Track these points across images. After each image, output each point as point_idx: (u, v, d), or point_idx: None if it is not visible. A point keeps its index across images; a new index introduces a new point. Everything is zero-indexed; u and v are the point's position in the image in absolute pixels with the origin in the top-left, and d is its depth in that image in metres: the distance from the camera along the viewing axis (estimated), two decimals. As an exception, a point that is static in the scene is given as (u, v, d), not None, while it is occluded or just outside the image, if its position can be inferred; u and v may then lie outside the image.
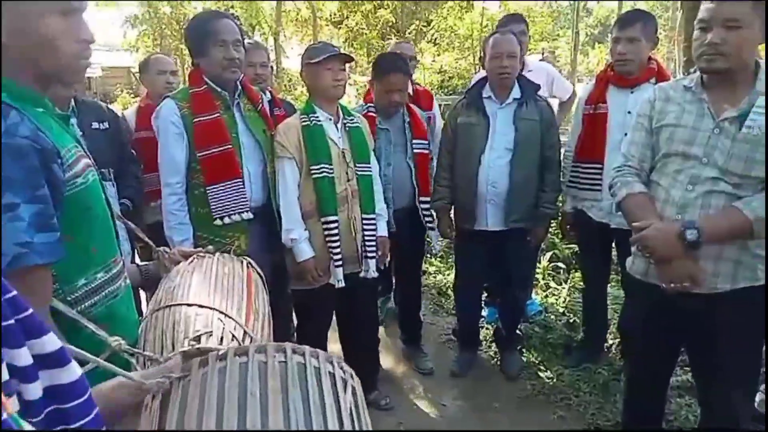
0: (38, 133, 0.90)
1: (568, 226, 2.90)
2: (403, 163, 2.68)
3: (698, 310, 1.64)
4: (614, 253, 2.87)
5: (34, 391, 0.48)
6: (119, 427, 0.73)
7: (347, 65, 2.31)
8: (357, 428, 0.63)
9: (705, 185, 1.61)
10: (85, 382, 0.54)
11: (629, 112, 2.41)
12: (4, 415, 0.42)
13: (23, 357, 0.47)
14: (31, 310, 0.49)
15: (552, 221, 2.85)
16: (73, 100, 2.50)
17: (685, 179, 1.65)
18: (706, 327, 1.68)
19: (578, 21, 16.36)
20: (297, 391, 0.61)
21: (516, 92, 2.61)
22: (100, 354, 0.88)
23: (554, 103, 3.15)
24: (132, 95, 15.21)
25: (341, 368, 0.69)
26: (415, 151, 2.68)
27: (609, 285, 3.01)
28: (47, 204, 0.89)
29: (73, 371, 0.53)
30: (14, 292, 0.48)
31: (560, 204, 2.88)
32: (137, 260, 2.57)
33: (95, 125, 2.55)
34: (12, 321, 0.46)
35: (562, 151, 2.78)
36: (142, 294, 2.35)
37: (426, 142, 2.75)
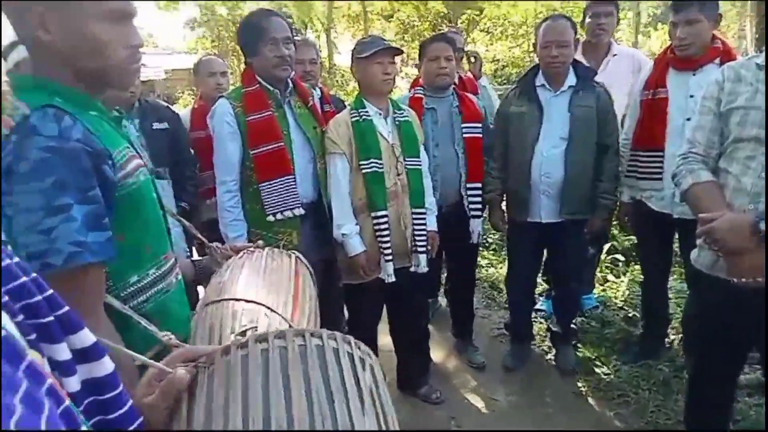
0: (90, 136, 0.94)
1: (626, 217, 2.78)
2: (451, 149, 2.61)
3: (770, 306, 1.53)
4: (676, 244, 2.73)
5: (74, 384, 0.50)
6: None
7: (397, 58, 2.30)
8: (378, 405, 0.64)
9: (780, 172, 1.49)
10: (117, 375, 0.56)
11: (691, 96, 2.27)
12: (67, 401, 0.44)
13: (63, 351, 0.49)
14: (67, 308, 0.51)
15: (610, 212, 2.72)
16: (137, 101, 2.63)
17: (759, 166, 1.53)
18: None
19: (639, 1, 15.58)
20: (318, 373, 0.62)
21: (571, 79, 2.52)
22: (152, 348, 0.92)
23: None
24: (193, 96, 15.81)
25: (359, 348, 0.70)
26: (465, 135, 2.61)
27: (670, 278, 2.87)
28: (99, 204, 0.93)
29: (108, 364, 0.55)
30: (51, 291, 0.50)
31: (618, 194, 2.76)
32: (195, 256, 2.67)
33: (156, 125, 2.67)
34: (51, 318, 0.48)
35: (620, 138, 2.66)
36: (201, 289, 2.44)
37: (479, 125, 2.65)
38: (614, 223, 3.68)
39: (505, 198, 2.79)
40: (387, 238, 2.27)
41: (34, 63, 1.00)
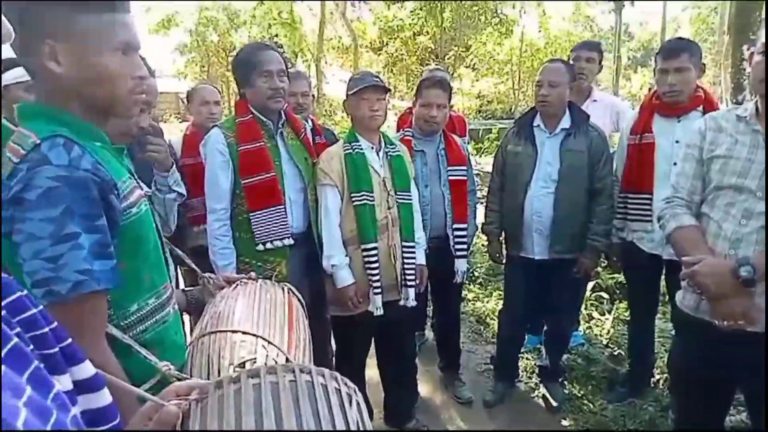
0: (98, 166, 0.95)
1: (614, 258, 2.83)
2: (438, 190, 2.66)
3: (754, 348, 1.56)
4: (662, 284, 2.78)
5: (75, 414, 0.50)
6: None
7: (387, 93, 2.35)
8: None
9: (759, 220, 1.54)
10: (115, 407, 0.56)
11: (677, 142, 2.35)
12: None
13: (66, 382, 0.49)
14: (70, 339, 0.52)
15: (600, 253, 2.77)
16: None
17: (738, 213, 1.59)
18: (762, 366, 1.59)
19: (620, 45, 16.16)
20: (308, 408, 0.64)
21: (566, 122, 2.58)
22: (151, 378, 0.91)
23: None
24: (180, 120, 15.83)
25: (345, 384, 0.72)
26: (450, 177, 2.67)
27: (657, 317, 2.91)
28: (105, 234, 0.93)
29: (106, 396, 0.55)
30: (55, 323, 0.51)
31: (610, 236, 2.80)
32: (181, 285, 2.63)
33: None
34: (56, 349, 0.49)
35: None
36: (186, 317, 2.41)
37: (464, 168, 2.72)
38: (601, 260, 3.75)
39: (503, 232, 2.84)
40: (376, 271, 2.28)
41: (40, 92, 1.01)
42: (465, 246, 2.73)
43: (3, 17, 0.44)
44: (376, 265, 2.27)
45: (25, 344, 0.44)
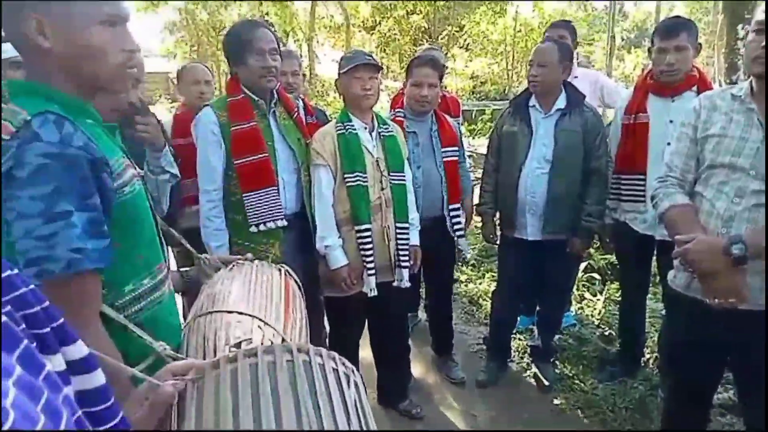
0: (90, 144, 0.93)
1: (607, 239, 2.85)
2: (433, 169, 2.65)
3: (743, 326, 1.58)
4: (653, 265, 2.80)
5: (69, 395, 0.50)
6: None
7: (379, 72, 2.32)
8: (362, 420, 0.66)
9: (752, 198, 1.55)
10: (109, 388, 0.56)
11: (671, 121, 2.35)
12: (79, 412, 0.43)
13: (58, 363, 0.49)
14: (62, 319, 0.51)
15: (593, 234, 2.78)
16: None
17: (731, 191, 1.60)
18: (751, 344, 1.62)
19: (614, 25, 16.05)
20: (305, 388, 0.64)
21: (561, 102, 2.57)
22: (147, 358, 0.91)
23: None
24: (170, 101, 15.61)
25: (343, 364, 0.72)
26: (444, 158, 2.66)
27: (647, 298, 2.94)
28: (98, 212, 0.92)
29: (100, 377, 0.55)
30: (47, 302, 0.50)
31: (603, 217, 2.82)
32: (173, 266, 2.63)
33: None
34: (48, 329, 0.48)
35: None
36: (178, 298, 2.40)
37: (456, 149, 2.72)
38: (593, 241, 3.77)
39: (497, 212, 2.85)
40: (370, 252, 2.27)
41: (29, 68, 0.99)
42: (461, 225, 2.74)
43: None
44: (369, 246, 2.26)
45: (16, 323, 0.44)
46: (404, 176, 2.39)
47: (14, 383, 0.34)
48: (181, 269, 1.42)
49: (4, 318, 0.40)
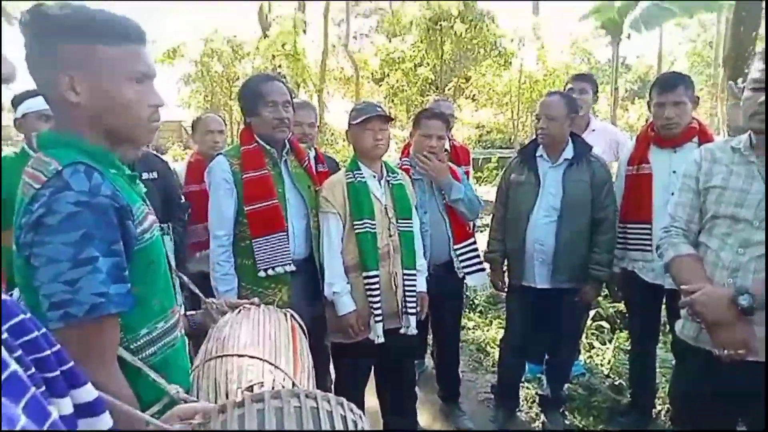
0: (116, 192, 0.98)
1: (615, 287, 2.85)
2: (437, 215, 2.69)
3: (754, 377, 1.56)
4: (664, 314, 2.78)
5: None
6: None
7: (390, 123, 2.39)
8: None
9: (757, 249, 1.57)
10: (116, 430, 0.56)
11: (674, 172, 2.39)
12: None
13: (66, 406, 0.50)
14: (72, 363, 0.53)
15: (602, 282, 2.78)
16: None
17: (736, 242, 1.61)
18: (763, 396, 1.59)
19: (617, 77, 16.43)
20: None
21: (568, 152, 2.63)
22: (159, 400, 0.92)
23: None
24: (182, 148, 15.96)
25: (351, 410, 0.72)
26: (446, 201, 2.68)
27: (657, 347, 2.90)
28: (122, 257, 0.96)
29: (107, 420, 0.56)
30: (58, 346, 0.52)
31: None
32: (182, 309, 2.64)
33: (146, 175, 2.71)
34: (58, 372, 0.50)
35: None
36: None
37: None
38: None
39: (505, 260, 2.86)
40: (378, 299, 2.28)
41: (59, 120, 1.05)
42: (471, 261, 2.71)
43: (4, 56, 0.46)
44: (377, 292, 2.28)
45: (26, 367, 0.45)
46: (412, 223, 2.42)
47: None
48: (188, 313, 1.44)
49: (14, 367, 0.41)
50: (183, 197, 2.95)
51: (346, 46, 16.35)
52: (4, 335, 0.45)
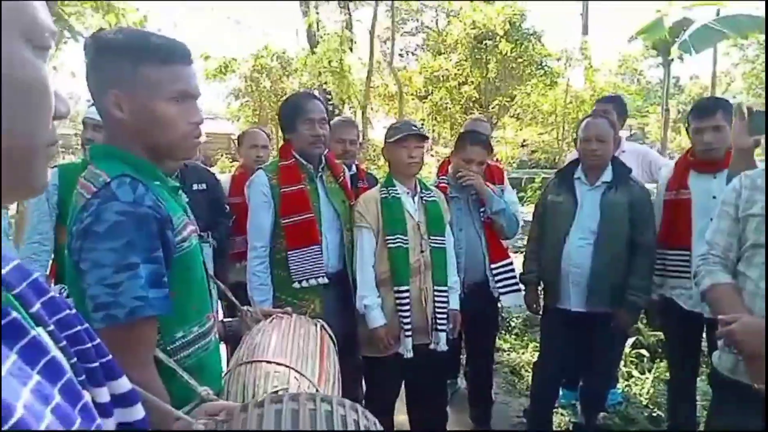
0: (158, 204, 1.06)
1: (653, 315, 2.77)
2: (473, 233, 2.70)
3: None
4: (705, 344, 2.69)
5: (111, 425, 0.56)
6: None
7: (426, 141, 2.44)
8: None
9: (798, 279, 1.52)
10: (147, 421, 0.61)
11: (714, 197, 2.32)
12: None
13: (104, 395, 0.55)
14: (110, 356, 0.58)
15: (639, 309, 2.71)
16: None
17: None
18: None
19: (668, 98, 15.97)
20: None
21: (607, 175, 2.61)
22: (190, 401, 0.98)
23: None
24: (230, 160, 16.45)
25: (365, 417, 0.75)
26: (484, 220, 2.71)
27: (698, 378, 2.79)
28: (161, 264, 1.03)
29: (140, 411, 0.60)
30: (98, 340, 0.57)
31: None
32: (220, 316, 2.74)
33: (196, 186, 2.85)
34: (97, 364, 0.55)
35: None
36: (222, 347, 2.49)
37: None
38: (641, 316, 3.64)
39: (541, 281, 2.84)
40: (407, 313, 2.31)
41: (107, 133, 1.15)
42: (507, 281, 2.71)
43: (62, 94, 0.52)
44: (407, 307, 2.30)
45: (70, 357, 0.50)
46: (444, 240, 2.44)
47: (52, 410, 0.41)
48: (225, 320, 1.51)
49: (54, 353, 0.46)
50: (227, 208, 3.07)
51: (390, 64, 16.56)
52: (51, 327, 0.50)
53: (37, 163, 0.47)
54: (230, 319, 1.54)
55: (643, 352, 3.71)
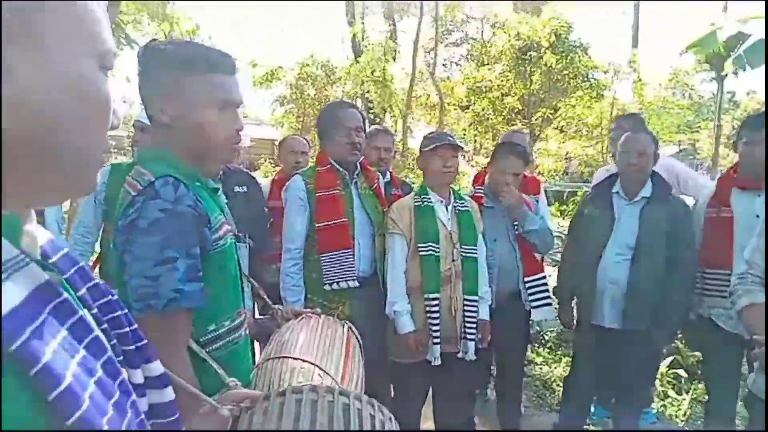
0: (197, 203, 1.13)
1: (690, 335, 2.69)
2: (507, 244, 2.69)
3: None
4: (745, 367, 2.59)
5: (144, 405, 0.61)
6: None
7: (460, 151, 2.46)
8: None
9: (839, 302, 1.47)
10: (176, 404, 0.66)
11: (757, 216, 2.25)
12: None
13: (138, 376, 0.60)
14: (145, 341, 0.63)
15: (676, 327, 2.64)
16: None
17: None
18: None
19: (721, 113, 15.39)
20: (341, 427, 0.72)
21: (647, 190, 2.57)
22: (218, 391, 1.05)
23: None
24: (273, 165, 16.83)
25: (381, 411, 0.78)
26: (518, 232, 2.69)
27: (738, 403, 2.69)
28: (197, 260, 1.10)
29: (170, 393, 0.66)
30: (135, 326, 0.63)
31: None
32: (256, 314, 2.83)
33: (237, 189, 2.96)
34: (133, 347, 0.60)
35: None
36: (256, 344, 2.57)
37: None
38: (679, 336, 3.54)
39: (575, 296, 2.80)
40: (437, 321, 2.33)
41: (155, 137, 1.23)
42: (540, 295, 2.68)
43: (117, 109, 0.58)
44: (437, 315, 2.32)
45: (110, 338, 0.56)
46: (476, 250, 2.45)
47: (95, 382, 0.46)
48: (257, 318, 1.58)
49: (97, 332, 0.52)
50: (266, 211, 3.17)
51: (432, 74, 16.62)
52: (95, 310, 0.56)
53: (89, 169, 0.52)
54: (261, 317, 1.60)
55: (681, 372, 3.59)
